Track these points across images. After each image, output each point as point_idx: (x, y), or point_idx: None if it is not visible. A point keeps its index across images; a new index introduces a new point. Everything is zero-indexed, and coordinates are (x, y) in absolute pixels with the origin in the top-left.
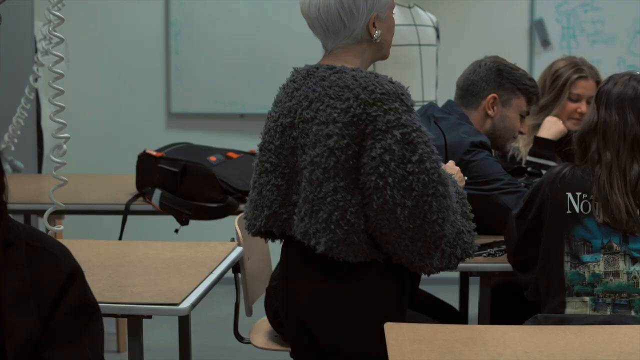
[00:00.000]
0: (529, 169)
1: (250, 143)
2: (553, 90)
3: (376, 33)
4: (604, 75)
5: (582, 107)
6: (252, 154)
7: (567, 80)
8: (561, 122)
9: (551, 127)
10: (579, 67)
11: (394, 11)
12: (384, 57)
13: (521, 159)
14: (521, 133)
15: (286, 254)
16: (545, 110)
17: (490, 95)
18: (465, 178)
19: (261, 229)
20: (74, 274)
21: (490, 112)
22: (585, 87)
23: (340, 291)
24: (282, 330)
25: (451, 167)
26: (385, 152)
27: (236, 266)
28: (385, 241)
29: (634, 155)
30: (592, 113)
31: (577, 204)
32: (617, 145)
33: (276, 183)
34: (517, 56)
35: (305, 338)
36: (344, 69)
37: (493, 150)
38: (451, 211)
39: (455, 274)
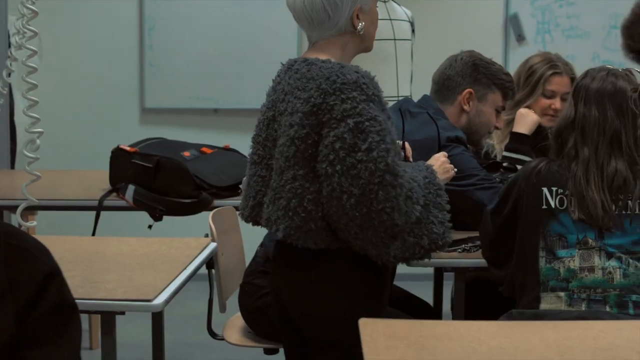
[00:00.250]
0: (504, 164)
1: (224, 138)
2: (527, 86)
3: (360, 25)
4: (579, 70)
5: (557, 103)
6: (226, 149)
7: (541, 76)
8: (532, 111)
9: (525, 120)
10: (554, 63)
11: None
12: (368, 49)
13: (495, 156)
14: (497, 128)
15: (275, 244)
16: (519, 106)
17: (466, 90)
18: (455, 170)
19: (248, 219)
20: (53, 273)
21: (466, 107)
22: (560, 84)
23: (312, 279)
24: (256, 327)
25: (436, 158)
26: (337, 140)
27: (210, 262)
28: (338, 229)
29: (612, 151)
30: (569, 108)
31: (552, 199)
32: (596, 141)
33: (261, 174)
34: (492, 51)
35: (292, 332)
36: (316, 61)
37: (468, 146)
38: (403, 201)
39: (430, 270)
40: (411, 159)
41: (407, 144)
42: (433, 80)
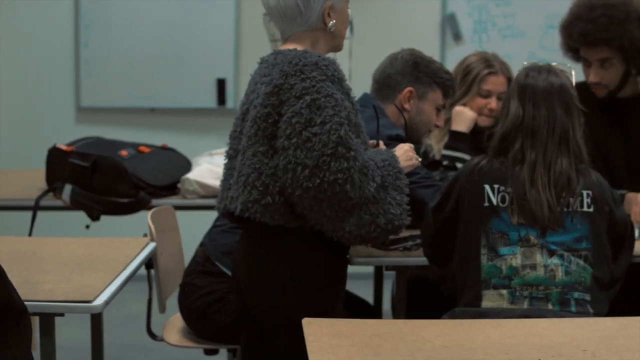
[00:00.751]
0: (444, 162)
1: (162, 137)
2: (464, 85)
3: (331, 22)
4: (515, 70)
5: (492, 103)
6: (164, 148)
7: (477, 76)
8: (468, 108)
9: (462, 118)
10: (490, 63)
11: None
12: (338, 47)
13: (434, 155)
14: (437, 126)
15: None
16: (456, 105)
17: (407, 89)
18: (420, 160)
19: (222, 211)
20: None
21: (406, 106)
22: (496, 83)
23: (271, 260)
24: (195, 327)
25: (400, 147)
26: (294, 115)
27: (149, 262)
28: (294, 202)
29: (560, 149)
30: (517, 110)
31: (494, 196)
32: (545, 142)
33: (235, 168)
34: (429, 50)
35: (251, 323)
36: (285, 50)
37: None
38: (357, 174)
39: (369, 269)
40: None
41: (381, 143)
42: (373, 79)
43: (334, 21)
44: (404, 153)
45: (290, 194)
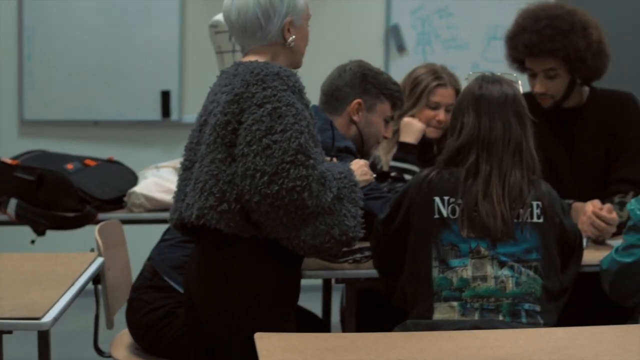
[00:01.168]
0: (392, 173)
1: (106, 150)
2: (412, 97)
3: (290, 38)
4: (463, 81)
5: (441, 114)
6: (110, 161)
7: (425, 87)
8: (417, 120)
9: (411, 129)
10: (439, 75)
11: None
12: (297, 64)
13: (382, 167)
14: (386, 138)
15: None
16: (404, 117)
17: (355, 101)
18: (374, 175)
19: (175, 222)
20: None
21: (355, 118)
22: (444, 95)
23: (220, 270)
24: (143, 343)
25: (356, 162)
26: (255, 122)
27: (96, 277)
28: (250, 209)
29: (514, 161)
30: (473, 122)
31: (444, 208)
32: (501, 154)
33: (191, 179)
34: (373, 61)
35: (201, 336)
36: (246, 62)
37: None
38: (315, 183)
39: (318, 282)
40: None
41: (334, 160)
42: (322, 91)
43: (294, 37)
44: (360, 168)
45: (248, 200)
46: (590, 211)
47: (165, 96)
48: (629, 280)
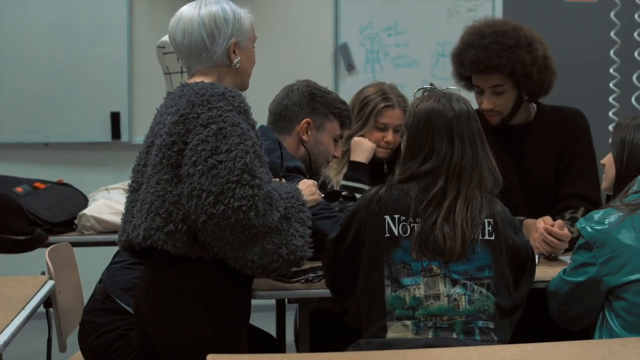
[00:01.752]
0: (343, 193)
1: (56, 173)
2: (361, 117)
3: (236, 59)
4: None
5: (389, 136)
6: (59, 183)
7: (374, 109)
8: (367, 139)
9: (361, 148)
10: (387, 96)
11: None
12: (243, 86)
13: (332, 187)
14: (335, 157)
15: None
16: (354, 137)
17: (304, 120)
18: (323, 195)
19: (124, 244)
20: None
21: (304, 137)
22: (392, 117)
23: (169, 292)
24: None
25: (304, 182)
26: (200, 143)
27: (48, 301)
28: (197, 229)
29: (477, 183)
30: (446, 149)
31: (395, 226)
32: (469, 180)
33: (139, 199)
34: (322, 80)
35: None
36: (192, 83)
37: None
38: (261, 202)
39: (272, 301)
40: None
41: (283, 180)
42: (270, 111)
43: (239, 58)
44: (307, 188)
45: (194, 220)
46: (541, 228)
47: (115, 117)
48: (578, 301)
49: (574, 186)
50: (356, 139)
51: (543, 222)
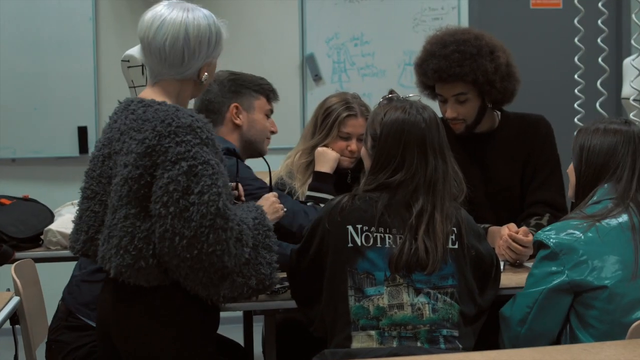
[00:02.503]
0: (308, 203)
1: (23, 188)
2: (324, 127)
3: (204, 76)
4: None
5: (352, 145)
6: (25, 199)
7: (337, 118)
8: (330, 149)
9: (325, 158)
10: (350, 105)
11: None
12: (197, 96)
13: (298, 197)
14: (273, 132)
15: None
16: (318, 147)
17: (232, 106)
18: (285, 209)
19: (79, 252)
20: None
21: (237, 122)
22: (355, 126)
23: (145, 315)
24: None
25: (266, 199)
26: (171, 182)
27: (15, 318)
28: (169, 269)
29: (447, 194)
30: (417, 162)
31: (358, 236)
32: (442, 192)
33: (94, 209)
34: (289, 91)
35: None
36: (152, 102)
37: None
38: (233, 244)
39: (239, 313)
40: (244, 199)
41: (240, 185)
42: (197, 110)
43: (207, 74)
44: (271, 205)
45: (167, 262)
46: (506, 235)
47: (83, 132)
48: (549, 311)
49: (539, 192)
50: (320, 149)
51: (507, 229)
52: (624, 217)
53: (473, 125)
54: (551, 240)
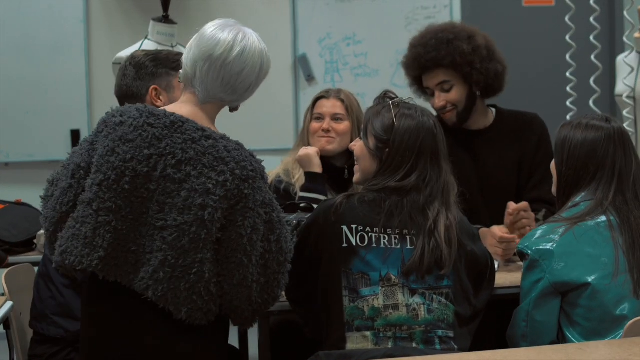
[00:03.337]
0: (301, 204)
1: (16, 192)
2: (305, 119)
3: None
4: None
5: (324, 124)
6: (17, 203)
7: (311, 104)
8: (305, 148)
9: (307, 160)
10: (325, 90)
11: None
12: None
13: (296, 193)
14: None
15: (103, 298)
16: (302, 140)
17: (150, 89)
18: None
19: (89, 268)
20: None
21: (158, 103)
22: (326, 105)
23: (174, 347)
24: None
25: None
26: (253, 230)
27: (6, 322)
28: (231, 310)
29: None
30: (432, 166)
31: (353, 236)
32: (450, 195)
33: (117, 226)
34: (282, 92)
35: None
36: (213, 134)
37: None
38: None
39: None
40: None
41: None
42: (117, 97)
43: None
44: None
45: (237, 307)
46: (498, 234)
47: (75, 135)
48: (542, 318)
49: (536, 191)
50: (297, 156)
51: (498, 229)
52: (601, 218)
53: (464, 113)
54: (530, 249)
